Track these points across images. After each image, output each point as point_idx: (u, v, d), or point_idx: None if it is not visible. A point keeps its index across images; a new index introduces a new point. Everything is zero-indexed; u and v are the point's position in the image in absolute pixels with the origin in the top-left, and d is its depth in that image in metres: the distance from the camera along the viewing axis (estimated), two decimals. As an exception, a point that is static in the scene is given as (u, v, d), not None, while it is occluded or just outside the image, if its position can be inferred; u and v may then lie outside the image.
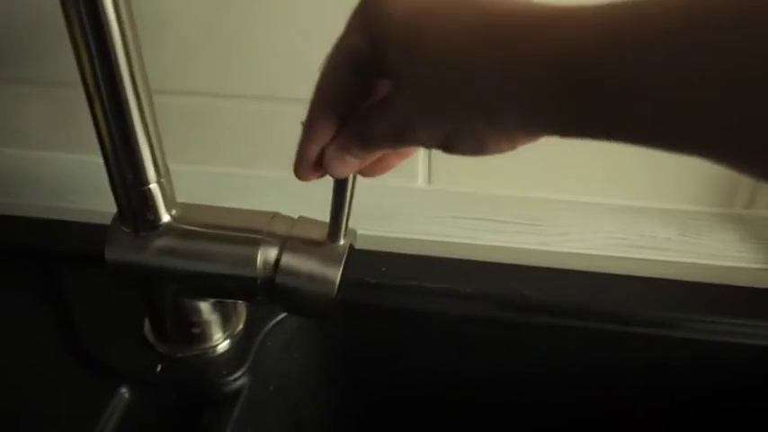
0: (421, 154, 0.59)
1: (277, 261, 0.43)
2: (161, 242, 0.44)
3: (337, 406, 0.60)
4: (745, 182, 0.57)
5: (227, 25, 0.55)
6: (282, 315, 0.52)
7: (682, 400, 0.56)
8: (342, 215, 0.41)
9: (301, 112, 0.34)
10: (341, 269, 0.42)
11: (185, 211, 0.45)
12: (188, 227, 0.44)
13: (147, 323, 0.51)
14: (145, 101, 0.39)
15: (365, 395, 0.60)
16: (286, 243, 0.43)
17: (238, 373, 0.48)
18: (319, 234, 0.43)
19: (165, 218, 0.44)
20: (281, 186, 0.59)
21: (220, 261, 0.44)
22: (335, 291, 0.43)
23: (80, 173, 0.62)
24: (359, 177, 0.38)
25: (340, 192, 0.39)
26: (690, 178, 0.58)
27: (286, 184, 0.60)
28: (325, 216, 0.42)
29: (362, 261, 0.46)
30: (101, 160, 0.41)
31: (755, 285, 0.54)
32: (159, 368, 0.49)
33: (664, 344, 0.53)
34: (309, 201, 0.43)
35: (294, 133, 0.35)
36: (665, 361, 0.54)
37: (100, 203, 0.44)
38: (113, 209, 0.44)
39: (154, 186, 0.42)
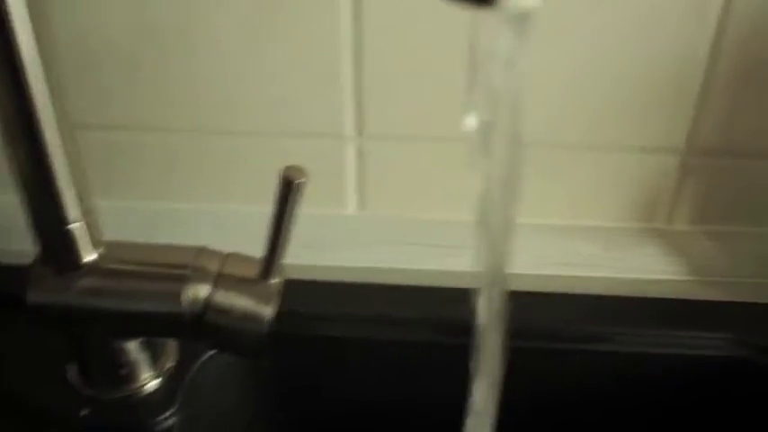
0: (351, 182, 0.59)
1: (208, 298, 0.42)
2: (85, 282, 0.42)
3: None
4: (664, 198, 0.59)
5: (150, 60, 0.54)
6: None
7: (611, 413, 0.57)
8: (277, 252, 0.40)
9: (225, 144, 0.33)
10: (274, 307, 0.42)
11: (111, 249, 0.43)
12: (113, 266, 0.43)
13: (72, 366, 0.49)
14: (65, 137, 0.38)
15: (302, 428, 0.59)
16: (218, 280, 0.42)
17: (168, 413, 0.47)
18: (252, 271, 0.42)
19: (90, 257, 0.42)
20: (211, 219, 0.57)
21: (146, 299, 0.42)
22: (267, 329, 0.42)
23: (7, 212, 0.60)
24: None
25: (277, 228, 0.38)
26: (611, 196, 0.59)
27: (215, 217, 0.59)
28: (254, 248, 0.42)
29: (295, 291, 0.46)
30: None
31: (679, 296, 0.56)
32: (85, 412, 0.47)
33: (593, 358, 0.54)
34: (240, 233, 0.42)
35: (221, 165, 0.34)
36: (594, 375, 0.55)
37: (27, 243, 0.42)
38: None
39: (77, 225, 0.41)
